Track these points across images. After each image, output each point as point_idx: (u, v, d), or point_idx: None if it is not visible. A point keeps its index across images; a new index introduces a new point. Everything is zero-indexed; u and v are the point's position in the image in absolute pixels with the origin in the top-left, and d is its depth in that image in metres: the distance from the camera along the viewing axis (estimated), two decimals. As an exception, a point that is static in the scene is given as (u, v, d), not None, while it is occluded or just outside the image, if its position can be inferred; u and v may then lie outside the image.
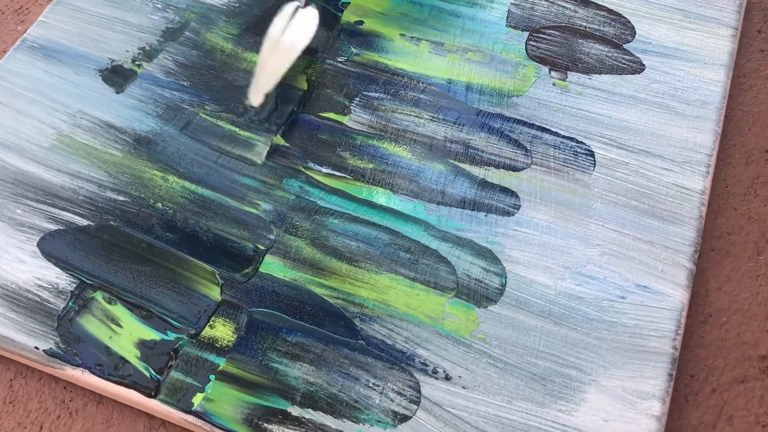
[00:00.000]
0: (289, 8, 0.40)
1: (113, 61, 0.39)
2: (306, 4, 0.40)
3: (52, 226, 0.34)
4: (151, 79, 0.38)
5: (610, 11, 0.41)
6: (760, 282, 0.35)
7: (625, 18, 0.40)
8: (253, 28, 0.40)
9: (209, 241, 0.33)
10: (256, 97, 0.38)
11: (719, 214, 0.36)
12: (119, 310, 0.32)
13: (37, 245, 0.33)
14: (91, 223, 0.34)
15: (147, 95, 0.38)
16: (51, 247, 0.33)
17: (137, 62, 0.39)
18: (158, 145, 0.36)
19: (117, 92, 0.38)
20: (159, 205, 0.34)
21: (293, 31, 0.39)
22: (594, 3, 0.41)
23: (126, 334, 0.31)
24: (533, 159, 0.36)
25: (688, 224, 0.34)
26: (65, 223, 0.34)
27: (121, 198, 0.34)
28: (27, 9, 0.44)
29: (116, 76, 0.38)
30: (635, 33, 0.40)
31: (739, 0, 0.41)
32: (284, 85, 0.38)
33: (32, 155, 0.36)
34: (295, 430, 0.29)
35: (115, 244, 0.33)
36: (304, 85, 0.38)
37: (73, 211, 0.34)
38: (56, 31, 0.40)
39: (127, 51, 0.39)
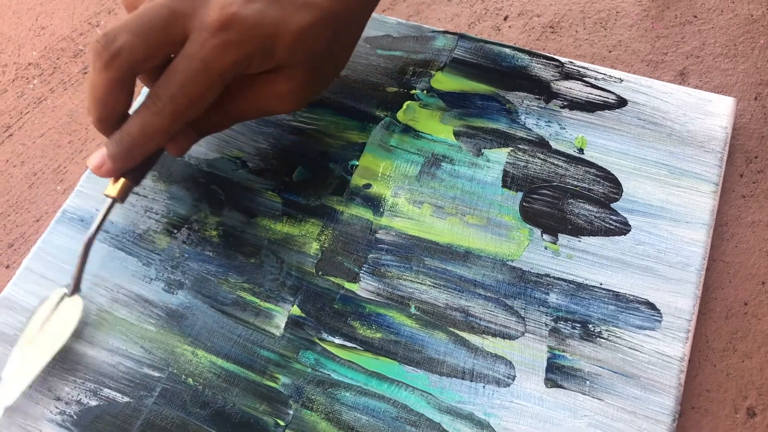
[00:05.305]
0: (54, 295, 0.39)
1: (144, 231, 0.43)
2: (72, 292, 0.39)
3: (96, 403, 0.38)
4: (179, 250, 0.42)
5: (599, 168, 0.44)
6: (737, 441, 0.38)
7: (613, 175, 0.43)
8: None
9: (235, 417, 0.37)
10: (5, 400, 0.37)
11: (699, 371, 0.40)
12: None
13: (81, 425, 0.37)
14: (131, 400, 0.38)
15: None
16: (94, 428, 0.37)
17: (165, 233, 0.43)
18: (188, 319, 0.40)
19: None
20: (190, 380, 0.38)
21: (54, 324, 0.38)
22: (585, 161, 0.44)
23: None
24: (527, 327, 0.39)
25: (667, 393, 0.37)
26: (108, 399, 0.38)
27: (156, 374, 0.39)
28: (65, 168, 0.48)
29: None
30: (622, 191, 0.43)
31: (720, 154, 0.44)
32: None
33: (79, 332, 0.40)
34: None
35: (152, 422, 0.37)
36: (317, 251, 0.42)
37: (115, 388, 0.38)
38: (92, 201, 0.44)
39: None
